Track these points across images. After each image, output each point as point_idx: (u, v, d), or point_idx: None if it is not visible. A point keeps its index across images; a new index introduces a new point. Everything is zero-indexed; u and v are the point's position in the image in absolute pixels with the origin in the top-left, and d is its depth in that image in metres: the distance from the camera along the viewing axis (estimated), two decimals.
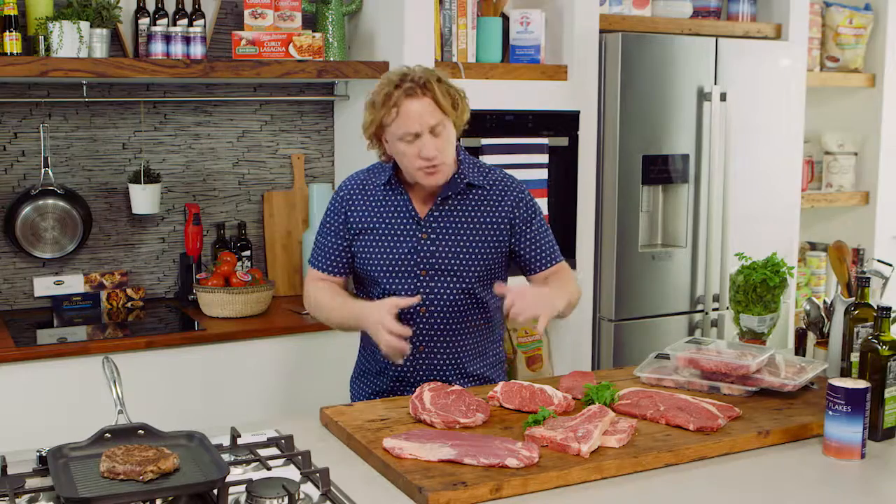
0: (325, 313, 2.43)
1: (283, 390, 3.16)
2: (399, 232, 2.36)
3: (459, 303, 2.38)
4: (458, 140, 2.40)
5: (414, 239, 2.36)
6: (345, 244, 2.42)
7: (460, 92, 2.35)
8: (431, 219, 2.37)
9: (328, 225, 2.45)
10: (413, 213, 2.37)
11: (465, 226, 2.37)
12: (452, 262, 2.36)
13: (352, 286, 2.53)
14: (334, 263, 2.44)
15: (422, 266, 2.36)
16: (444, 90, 2.29)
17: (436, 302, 2.36)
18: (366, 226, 2.39)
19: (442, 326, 2.38)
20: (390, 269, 2.36)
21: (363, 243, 2.39)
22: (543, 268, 2.45)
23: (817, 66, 4.45)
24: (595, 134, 3.60)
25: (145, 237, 3.54)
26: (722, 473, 1.87)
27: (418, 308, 2.36)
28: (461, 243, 2.37)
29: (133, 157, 3.49)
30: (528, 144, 3.44)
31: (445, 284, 2.36)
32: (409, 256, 2.35)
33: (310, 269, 2.50)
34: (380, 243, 2.37)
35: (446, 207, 2.38)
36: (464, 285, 2.37)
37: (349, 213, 2.41)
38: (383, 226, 2.38)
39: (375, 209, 2.39)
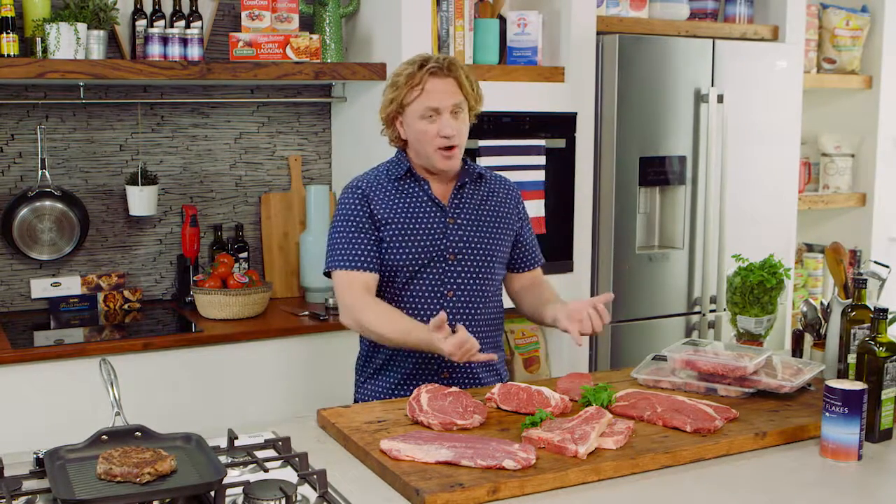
0: (383, 332, 2.31)
1: (280, 392, 3.16)
2: (426, 219, 2.37)
3: (483, 287, 2.41)
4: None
5: (442, 224, 2.38)
6: (374, 237, 2.35)
7: (477, 81, 2.41)
8: (454, 205, 2.41)
9: (352, 221, 2.36)
10: (436, 199, 2.39)
11: (484, 212, 2.43)
12: (479, 245, 2.40)
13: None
14: (368, 259, 2.34)
15: (451, 250, 2.37)
16: (466, 74, 2.36)
17: (463, 286, 2.39)
18: (389, 217, 2.36)
19: (468, 311, 2.40)
20: (420, 256, 2.36)
21: (387, 234, 2.36)
22: (530, 268, 2.55)
23: (814, 68, 4.45)
24: (592, 136, 3.61)
25: (142, 239, 3.54)
26: (719, 475, 1.87)
27: (446, 293, 2.37)
28: (484, 227, 2.42)
29: (130, 158, 3.49)
30: (526, 146, 3.44)
31: (471, 268, 2.39)
32: (439, 242, 2.37)
33: (340, 273, 2.35)
34: (407, 232, 2.36)
35: (464, 194, 2.43)
36: (487, 269, 2.41)
37: (372, 206, 2.37)
38: (408, 215, 2.37)
39: (396, 201, 2.38)
